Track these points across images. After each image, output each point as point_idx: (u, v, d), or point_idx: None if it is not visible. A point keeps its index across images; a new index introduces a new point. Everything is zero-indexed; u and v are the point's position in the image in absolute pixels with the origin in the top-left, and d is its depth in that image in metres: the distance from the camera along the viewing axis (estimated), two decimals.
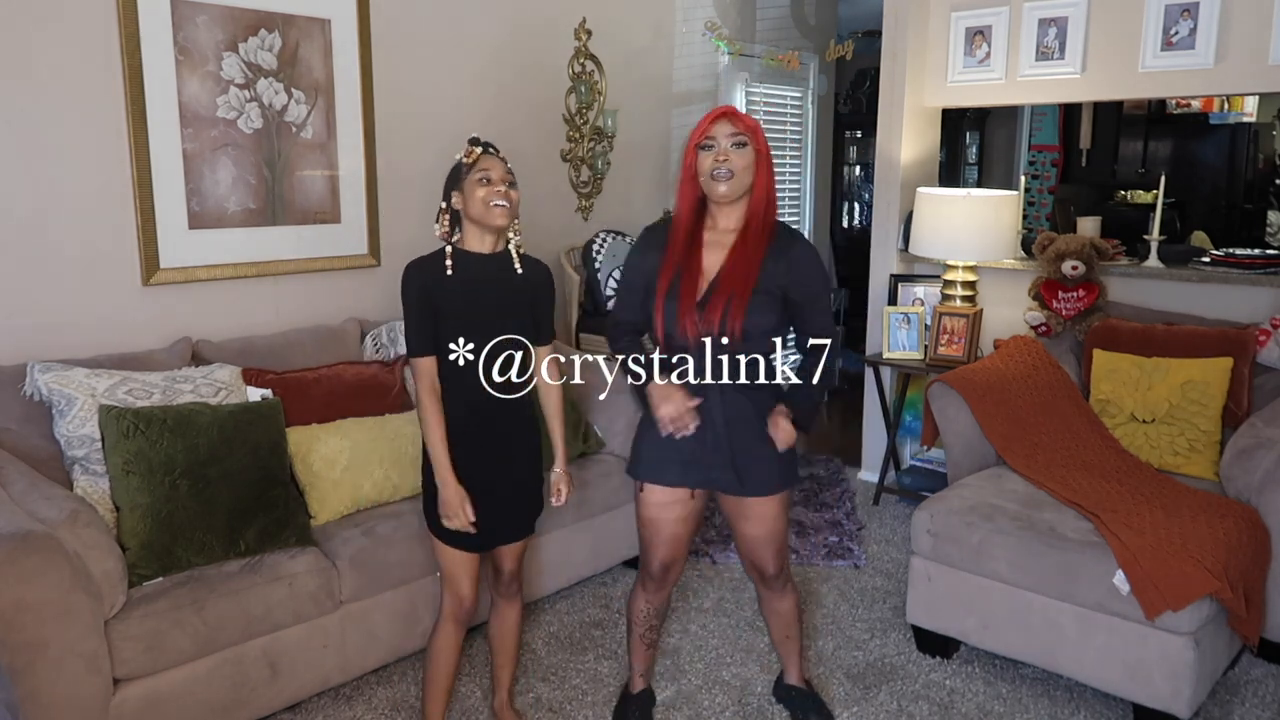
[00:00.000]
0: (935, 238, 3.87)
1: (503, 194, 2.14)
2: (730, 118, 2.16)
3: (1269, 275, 3.44)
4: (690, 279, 2.17)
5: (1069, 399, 3.37)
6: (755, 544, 2.35)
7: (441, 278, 2.16)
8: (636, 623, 2.49)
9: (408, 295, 2.17)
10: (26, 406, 2.57)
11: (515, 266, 2.23)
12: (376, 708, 2.65)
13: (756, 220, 2.19)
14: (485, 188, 2.14)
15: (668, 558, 2.36)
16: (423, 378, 2.17)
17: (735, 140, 2.14)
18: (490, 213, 2.14)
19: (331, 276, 3.45)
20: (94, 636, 2.13)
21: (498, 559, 2.37)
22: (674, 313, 2.16)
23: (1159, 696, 2.46)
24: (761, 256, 2.16)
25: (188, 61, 2.99)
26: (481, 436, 2.21)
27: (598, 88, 4.31)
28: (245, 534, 2.52)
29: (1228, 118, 7.54)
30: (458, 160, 2.19)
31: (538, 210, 4.19)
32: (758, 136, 2.17)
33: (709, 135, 2.15)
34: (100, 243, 2.89)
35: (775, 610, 2.50)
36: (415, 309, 2.16)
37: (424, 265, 2.18)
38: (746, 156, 2.14)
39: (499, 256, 2.22)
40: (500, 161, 2.18)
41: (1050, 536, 2.63)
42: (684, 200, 2.23)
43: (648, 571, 2.40)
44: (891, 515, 4.10)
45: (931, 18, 4.22)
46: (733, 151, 2.13)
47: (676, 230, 2.22)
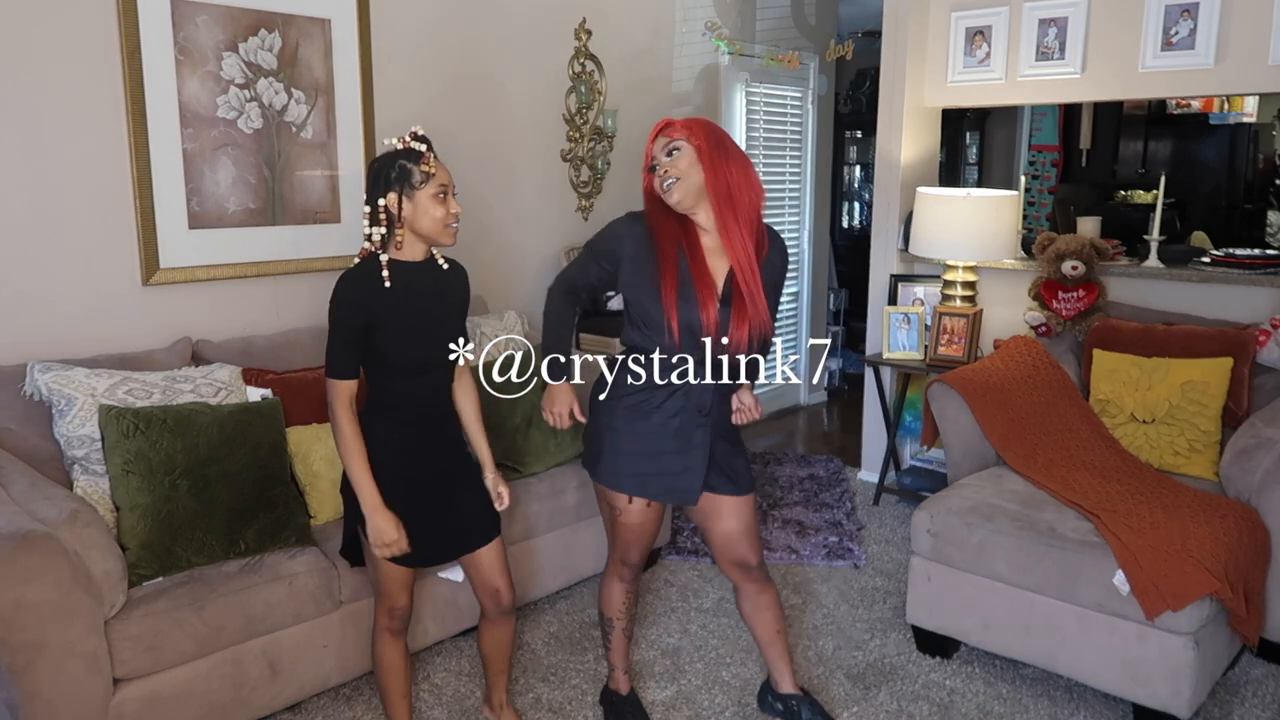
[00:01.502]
0: (935, 238, 3.87)
1: (456, 214, 2.06)
2: (665, 129, 2.17)
3: (1269, 275, 3.45)
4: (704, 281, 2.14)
5: (1069, 399, 3.37)
6: (738, 538, 2.35)
7: (380, 292, 2.03)
8: (617, 616, 2.48)
9: (339, 312, 2.02)
10: (26, 406, 2.57)
11: (440, 264, 2.16)
12: (376, 708, 2.65)
13: (728, 211, 2.12)
14: (443, 205, 2.04)
15: (648, 549, 2.41)
16: (342, 399, 2.04)
17: (669, 149, 2.14)
18: (444, 233, 2.06)
19: (332, 277, 3.36)
20: (94, 636, 2.13)
21: (484, 577, 2.28)
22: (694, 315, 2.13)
23: (1159, 696, 2.46)
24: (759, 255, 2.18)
25: (188, 61, 2.99)
26: (428, 448, 2.16)
27: (598, 88, 4.31)
28: (245, 534, 2.52)
29: (1228, 118, 7.54)
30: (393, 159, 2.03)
31: (538, 210, 4.19)
32: (694, 133, 2.12)
33: (652, 156, 2.18)
34: (100, 243, 2.89)
35: (763, 606, 2.45)
36: (344, 328, 2.02)
37: (359, 280, 2.04)
38: (685, 158, 2.12)
39: (428, 261, 2.14)
40: (445, 169, 2.08)
41: (1050, 537, 2.63)
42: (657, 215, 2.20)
43: (627, 564, 2.40)
44: (891, 515, 4.10)
45: (931, 18, 4.22)
46: (669, 161, 2.13)
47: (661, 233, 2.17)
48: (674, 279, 2.13)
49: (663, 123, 2.19)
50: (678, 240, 2.16)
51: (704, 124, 2.17)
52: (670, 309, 2.12)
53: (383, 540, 2.06)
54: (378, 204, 2.02)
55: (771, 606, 2.46)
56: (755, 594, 2.44)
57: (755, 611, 2.47)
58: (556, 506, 3.15)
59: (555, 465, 3.22)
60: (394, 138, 2.07)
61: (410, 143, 2.04)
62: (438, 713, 2.64)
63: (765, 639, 2.50)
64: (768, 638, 2.50)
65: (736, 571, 2.42)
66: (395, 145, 2.05)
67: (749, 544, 2.37)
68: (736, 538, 2.36)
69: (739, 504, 2.33)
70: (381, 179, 2.02)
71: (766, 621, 2.47)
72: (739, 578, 2.43)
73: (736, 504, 2.33)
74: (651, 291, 2.15)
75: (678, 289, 2.13)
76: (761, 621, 2.48)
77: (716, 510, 2.33)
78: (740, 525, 2.34)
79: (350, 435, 2.05)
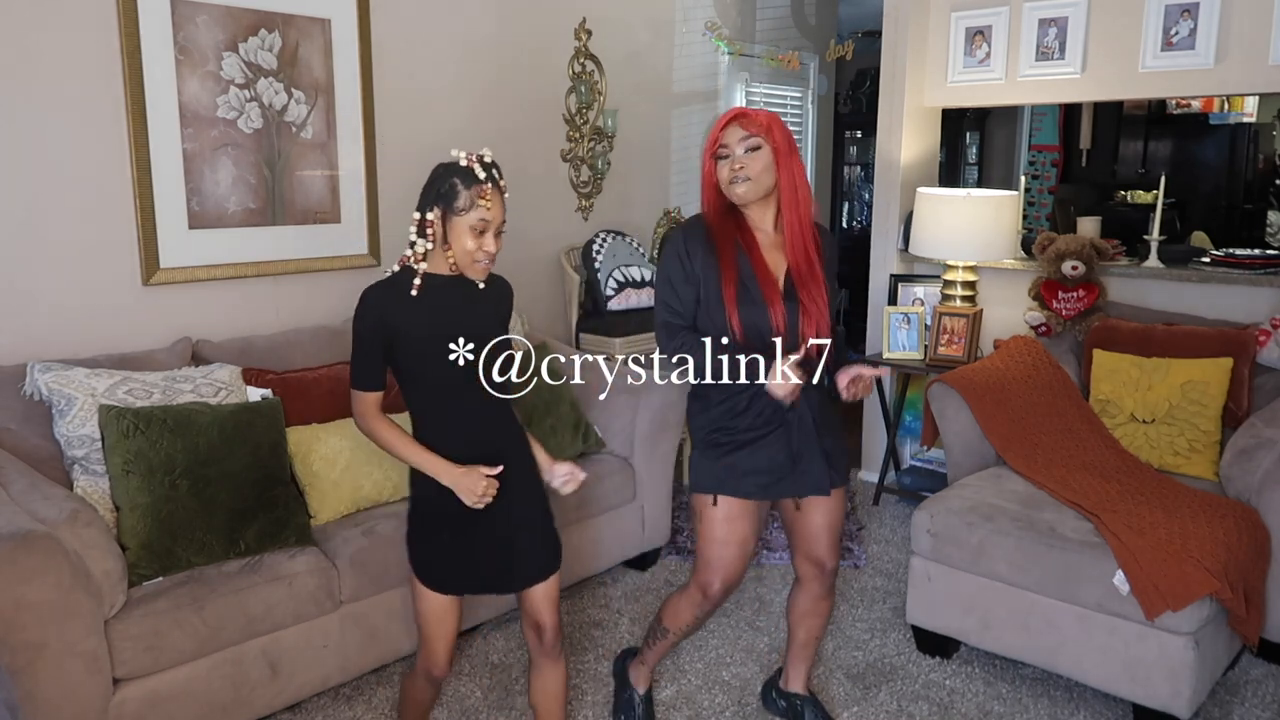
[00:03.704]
0: (935, 238, 3.87)
1: (489, 253, 1.95)
2: (741, 120, 2.11)
3: (1269, 275, 3.45)
4: (767, 279, 2.12)
5: (1069, 399, 3.37)
6: (825, 534, 2.31)
7: (406, 301, 1.95)
8: (675, 631, 2.40)
9: (363, 323, 1.95)
10: (26, 406, 2.57)
11: (479, 283, 2.03)
12: (376, 708, 2.65)
13: (793, 213, 2.13)
14: (478, 239, 1.93)
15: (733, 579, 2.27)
16: (370, 409, 1.98)
17: (748, 145, 2.09)
18: (471, 268, 1.96)
19: (331, 276, 3.45)
20: (94, 636, 2.13)
21: (534, 613, 2.11)
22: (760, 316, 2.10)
23: (1159, 696, 2.46)
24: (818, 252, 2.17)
25: (188, 61, 2.99)
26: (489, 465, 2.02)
27: (598, 88, 4.31)
28: (245, 534, 2.52)
29: (1228, 118, 7.54)
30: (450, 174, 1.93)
31: (538, 210, 4.19)
32: (773, 133, 2.10)
33: (722, 143, 2.12)
34: (100, 242, 2.89)
35: (820, 611, 2.42)
36: (364, 338, 1.95)
37: (381, 290, 1.96)
38: (763, 159, 2.10)
39: (456, 278, 2.01)
40: (502, 200, 1.95)
41: (1050, 537, 2.63)
42: (710, 207, 2.19)
43: (706, 592, 2.27)
44: (891, 515, 4.10)
45: (931, 18, 4.22)
46: (747, 158, 2.10)
47: (719, 234, 2.14)
48: (733, 277, 2.10)
49: (736, 111, 2.14)
50: (734, 238, 2.14)
51: (780, 122, 2.13)
52: (730, 308, 2.10)
53: (476, 493, 1.95)
54: (425, 216, 1.94)
55: (824, 615, 2.44)
56: (818, 597, 2.40)
57: (807, 614, 2.44)
58: (556, 507, 3.14)
59: None
60: (462, 152, 1.95)
61: (473, 164, 1.93)
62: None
63: (801, 640, 2.48)
64: (804, 639, 2.48)
65: (811, 569, 2.37)
66: (460, 160, 1.94)
67: (830, 544, 2.33)
68: (827, 534, 2.31)
69: (832, 499, 2.27)
70: (432, 191, 1.94)
71: (812, 626, 2.46)
72: (810, 576, 2.38)
73: (829, 499, 2.27)
74: (715, 293, 2.12)
75: (737, 287, 2.10)
76: (808, 625, 2.45)
77: (808, 503, 2.28)
78: (828, 522, 2.30)
79: (388, 432, 1.98)
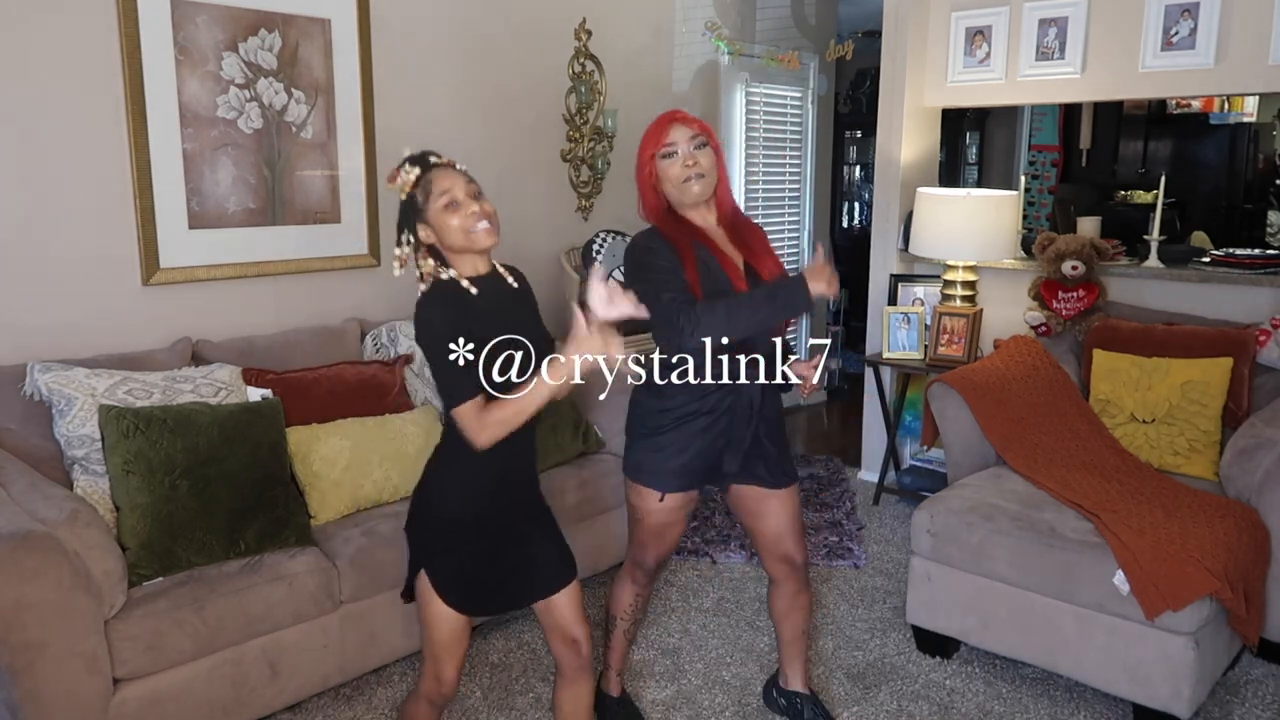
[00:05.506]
0: (935, 238, 3.87)
1: (478, 214, 1.85)
2: (683, 121, 2.17)
3: (1269, 275, 3.45)
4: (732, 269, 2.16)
5: (1069, 399, 3.37)
6: (784, 534, 2.36)
7: (469, 301, 1.86)
8: (623, 616, 2.47)
9: (438, 331, 1.80)
10: (26, 406, 2.57)
11: (509, 281, 2.00)
12: (376, 708, 2.65)
13: (727, 209, 2.25)
14: (455, 213, 1.84)
15: (667, 553, 2.38)
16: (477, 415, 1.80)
17: (696, 143, 2.15)
18: (474, 237, 1.85)
19: (331, 276, 3.45)
20: (94, 636, 2.14)
21: (559, 624, 2.04)
22: None
23: (1159, 697, 2.47)
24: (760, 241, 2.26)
25: (188, 61, 2.99)
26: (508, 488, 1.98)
27: (598, 88, 4.31)
28: (245, 534, 2.52)
29: (1228, 118, 7.54)
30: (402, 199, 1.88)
31: (538, 210, 4.19)
32: (712, 135, 2.20)
33: (667, 142, 2.15)
34: (100, 243, 2.89)
35: (798, 606, 2.47)
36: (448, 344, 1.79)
37: (441, 296, 1.86)
38: (710, 156, 2.17)
39: (492, 275, 1.96)
40: (458, 174, 1.88)
41: (1050, 536, 2.63)
42: (654, 212, 2.22)
43: (642, 567, 2.39)
44: (891, 515, 4.10)
45: (931, 18, 4.22)
46: (699, 154, 2.15)
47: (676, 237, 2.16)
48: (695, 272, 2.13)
49: (675, 113, 2.19)
50: (692, 239, 2.18)
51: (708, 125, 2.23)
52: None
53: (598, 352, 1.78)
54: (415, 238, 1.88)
55: (805, 608, 2.48)
56: (794, 593, 2.45)
57: (789, 611, 2.49)
58: (556, 507, 3.11)
59: (555, 465, 3.22)
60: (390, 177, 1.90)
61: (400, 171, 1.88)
62: None
63: (789, 637, 2.52)
64: (791, 636, 2.52)
65: (782, 568, 2.41)
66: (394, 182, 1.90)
67: (795, 540, 2.38)
68: (785, 533, 2.36)
69: (786, 497, 2.33)
70: (401, 219, 1.90)
71: (796, 621, 2.50)
72: (783, 575, 2.43)
73: (784, 497, 2.33)
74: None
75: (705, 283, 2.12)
76: (792, 621, 2.50)
77: (765, 507, 2.33)
78: (788, 519, 2.35)
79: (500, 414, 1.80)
